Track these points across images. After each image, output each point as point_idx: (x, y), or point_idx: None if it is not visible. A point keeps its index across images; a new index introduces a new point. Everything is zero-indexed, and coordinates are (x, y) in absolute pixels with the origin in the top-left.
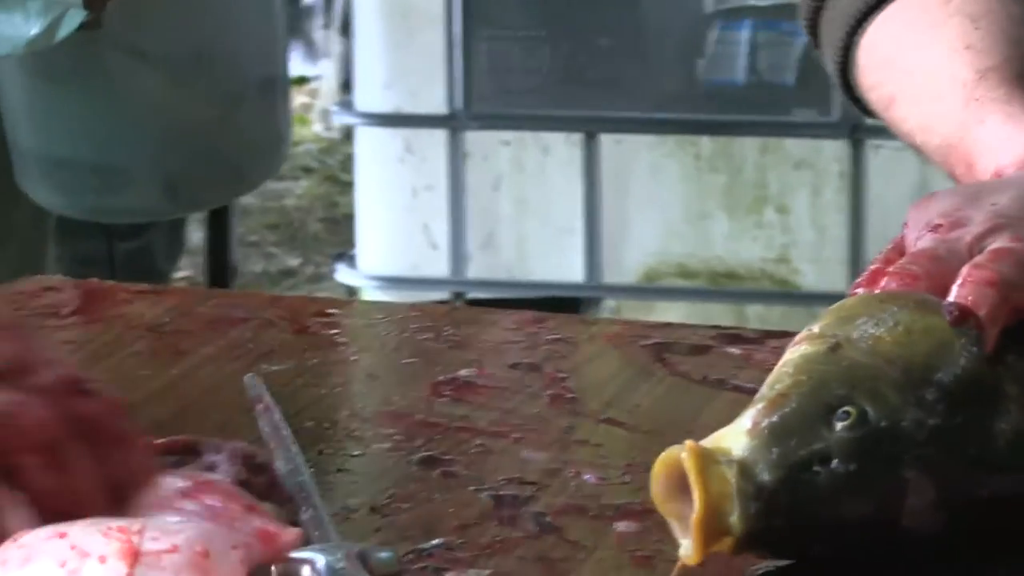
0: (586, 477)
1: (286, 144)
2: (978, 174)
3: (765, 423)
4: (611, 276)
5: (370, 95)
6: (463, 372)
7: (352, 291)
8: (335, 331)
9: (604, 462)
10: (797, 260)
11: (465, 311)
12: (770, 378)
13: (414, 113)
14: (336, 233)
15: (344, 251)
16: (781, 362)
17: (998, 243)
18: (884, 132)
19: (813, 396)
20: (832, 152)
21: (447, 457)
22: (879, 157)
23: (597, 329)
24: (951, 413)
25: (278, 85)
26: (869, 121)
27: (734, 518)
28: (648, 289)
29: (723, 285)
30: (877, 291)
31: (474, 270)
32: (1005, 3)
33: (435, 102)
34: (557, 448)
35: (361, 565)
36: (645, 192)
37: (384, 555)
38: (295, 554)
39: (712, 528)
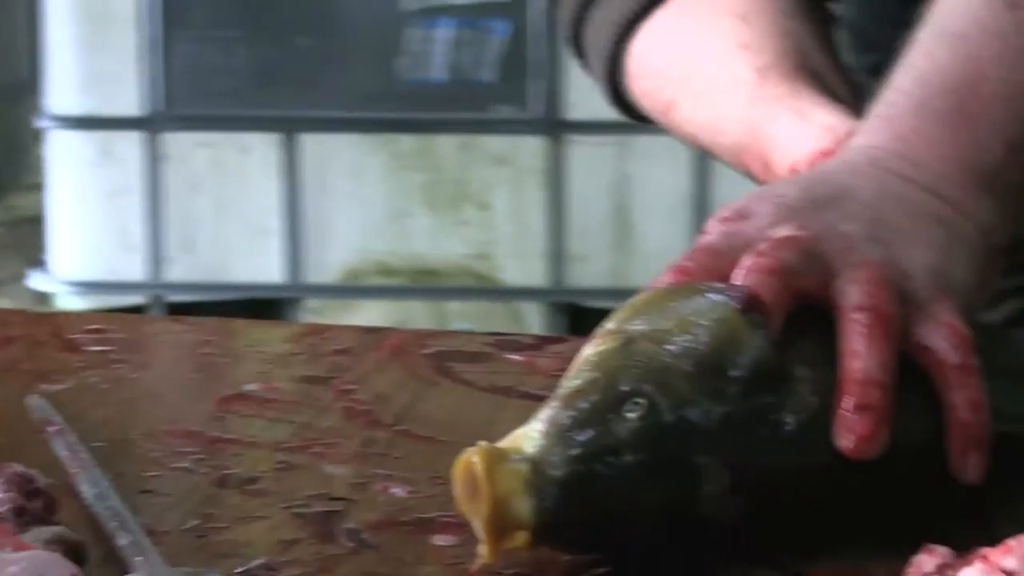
0: (394, 491)
1: None
2: (775, 171)
3: (558, 419)
4: (312, 276)
5: (63, 98)
6: (248, 387)
7: (44, 297)
8: (108, 347)
9: (409, 475)
10: (498, 256)
11: (240, 324)
12: (565, 376)
13: (110, 115)
14: (18, 238)
15: (36, 256)
16: (577, 360)
17: (781, 232)
18: (582, 127)
19: (605, 390)
20: (531, 148)
21: (250, 475)
22: (578, 152)
23: (376, 339)
24: (741, 399)
25: None
26: (568, 117)
27: (526, 513)
28: (349, 288)
29: (424, 282)
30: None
31: (174, 273)
32: None
33: (131, 104)
34: (359, 462)
35: None
36: (345, 191)
37: None
38: None
39: (502, 525)
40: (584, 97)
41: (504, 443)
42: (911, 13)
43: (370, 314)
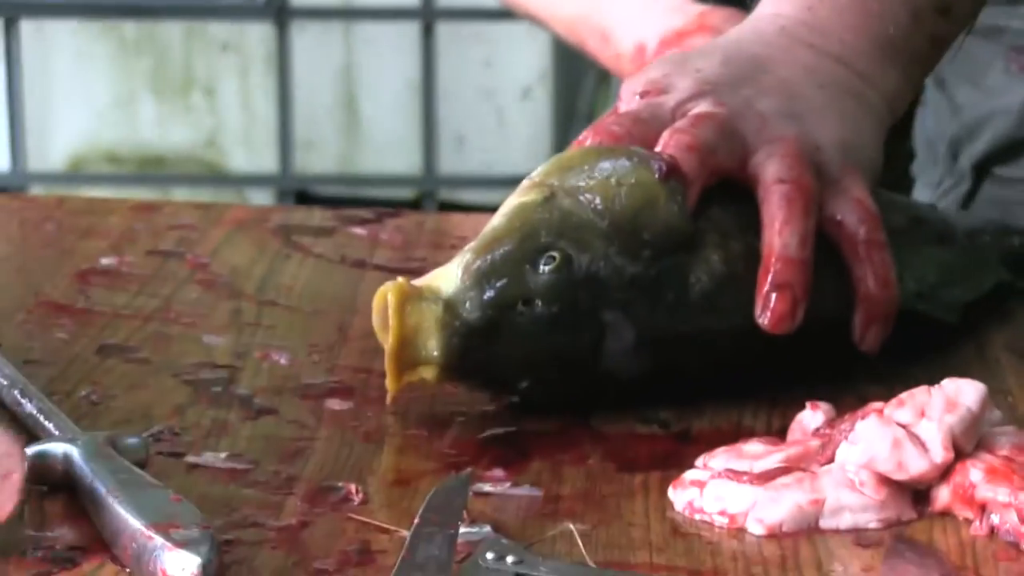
0: (276, 358)
1: None
2: (614, 45)
3: (475, 265)
4: (37, 164)
5: None
6: (104, 261)
7: None
8: None
9: (286, 343)
10: (226, 143)
11: (75, 201)
12: (489, 223)
13: None
14: None
15: None
16: (500, 208)
17: (700, 108)
18: (309, 14)
19: (523, 241)
20: (258, 35)
21: (129, 344)
22: (304, 39)
23: (217, 214)
24: (652, 262)
25: None
26: (293, 3)
27: (435, 350)
28: (76, 177)
29: (152, 170)
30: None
31: None
32: None
33: None
34: (234, 331)
35: (114, 451)
36: (70, 79)
37: (132, 440)
38: (42, 446)
39: (409, 358)
40: None
41: (421, 281)
42: None
43: None
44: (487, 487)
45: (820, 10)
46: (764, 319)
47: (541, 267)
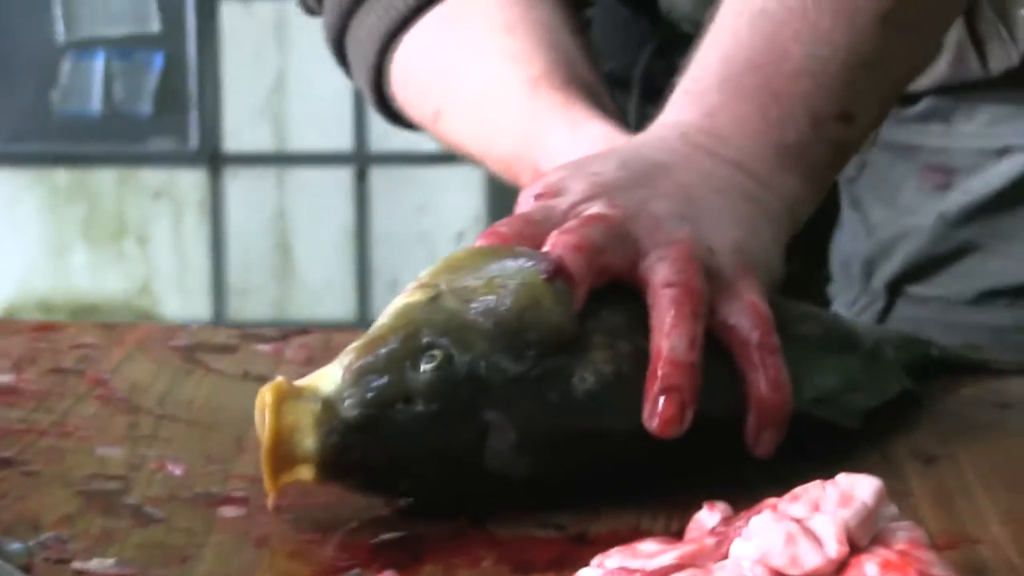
0: (171, 469)
1: None
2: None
3: (356, 363)
4: None
5: None
6: (2, 378)
7: None
8: None
9: (181, 455)
10: (159, 290)
11: None
12: (375, 324)
13: None
14: None
15: None
16: (387, 308)
17: (592, 209)
18: (242, 160)
19: (405, 340)
20: (191, 181)
21: (22, 458)
22: (237, 185)
23: (120, 334)
24: (536, 361)
25: None
26: (227, 150)
27: (311, 448)
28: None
29: (85, 319)
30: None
31: None
32: (532, 10)
33: None
34: (129, 444)
35: None
36: (2, 227)
37: (16, 546)
38: None
39: (283, 457)
40: (241, 129)
41: (303, 381)
42: (642, 22)
43: None
44: None
45: (719, 117)
46: (652, 423)
47: (422, 366)
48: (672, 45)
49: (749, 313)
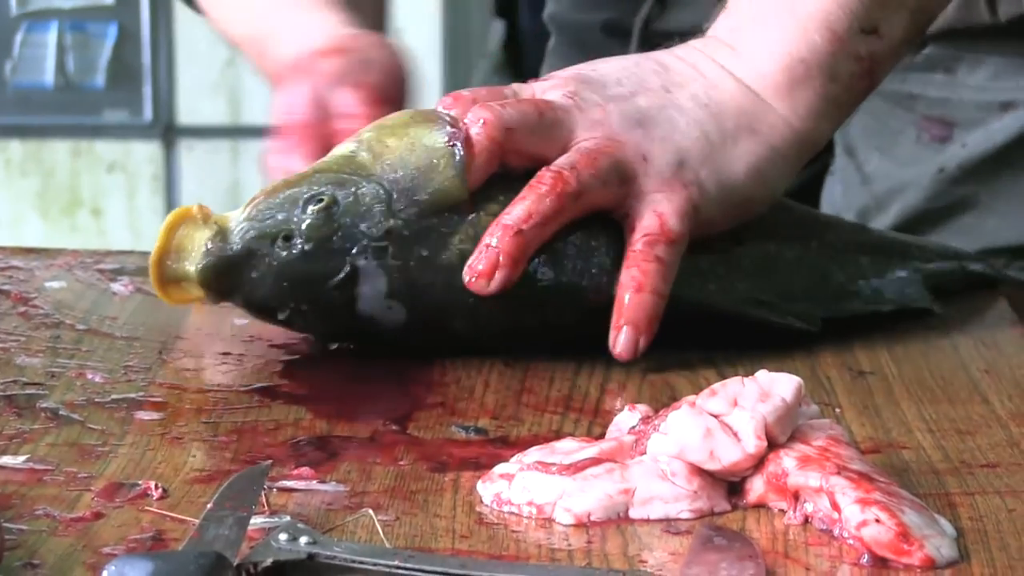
0: (90, 376)
1: None
2: (267, 64)
3: (256, 201)
4: None
5: None
6: None
7: None
8: None
9: (102, 365)
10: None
11: None
12: None
13: None
14: None
15: None
16: None
17: (547, 95)
18: (194, 132)
19: (305, 184)
20: (145, 154)
21: None
22: (191, 158)
23: (46, 257)
24: (416, 219)
25: None
26: (181, 122)
27: (192, 268)
28: None
29: None
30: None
31: None
32: None
33: None
34: (50, 354)
35: None
36: None
37: None
38: None
39: (168, 271)
40: (195, 102)
41: (219, 215)
42: None
43: None
44: (291, 483)
45: (742, 32)
46: (466, 276)
47: (309, 208)
48: None
49: (648, 220)
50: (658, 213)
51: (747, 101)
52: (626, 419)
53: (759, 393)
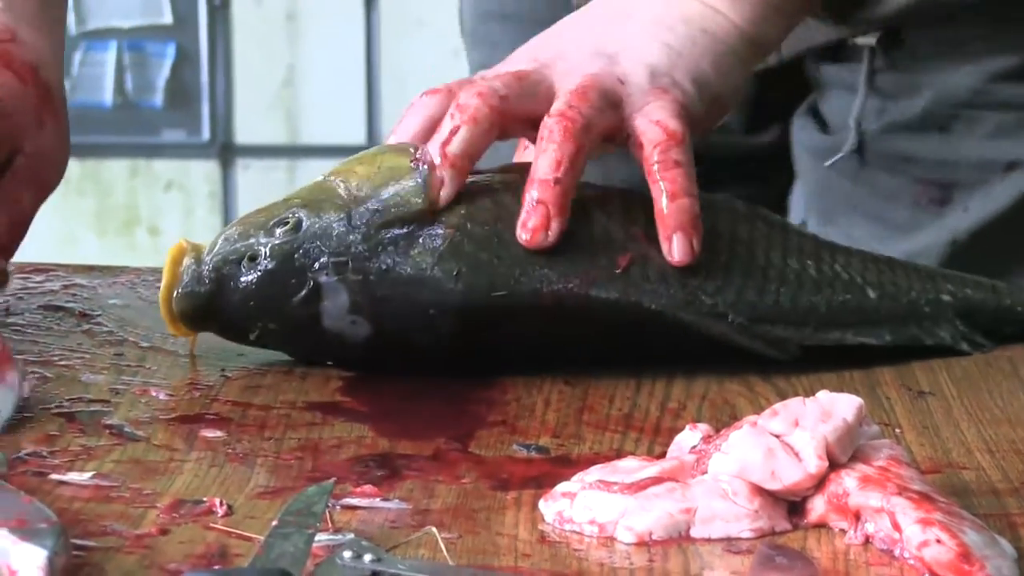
0: (154, 393)
1: None
2: None
3: (229, 227)
4: None
5: None
6: None
7: None
8: None
9: (165, 382)
10: None
11: None
12: None
13: None
14: None
15: None
16: None
17: (513, 68)
18: (252, 151)
19: (277, 209)
20: (202, 172)
21: None
22: (248, 176)
23: (110, 274)
24: (376, 231)
25: None
26: (238, 141)
27: (176, 295)
28: None
29: None
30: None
31: None
32: None
33: None
34: (114, 372)
35: None
36: None
37: None
38: None
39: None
40: (252, 121)
41: (197, 243)
42: None
43: None
44: (354, 501)
45: None
46: (523, 235)
47: (276, 231)
48: None
49: (652, 131)
50: (655, 121)
51: (695, 11)
52: (687, 438)
53: (820, 413)
